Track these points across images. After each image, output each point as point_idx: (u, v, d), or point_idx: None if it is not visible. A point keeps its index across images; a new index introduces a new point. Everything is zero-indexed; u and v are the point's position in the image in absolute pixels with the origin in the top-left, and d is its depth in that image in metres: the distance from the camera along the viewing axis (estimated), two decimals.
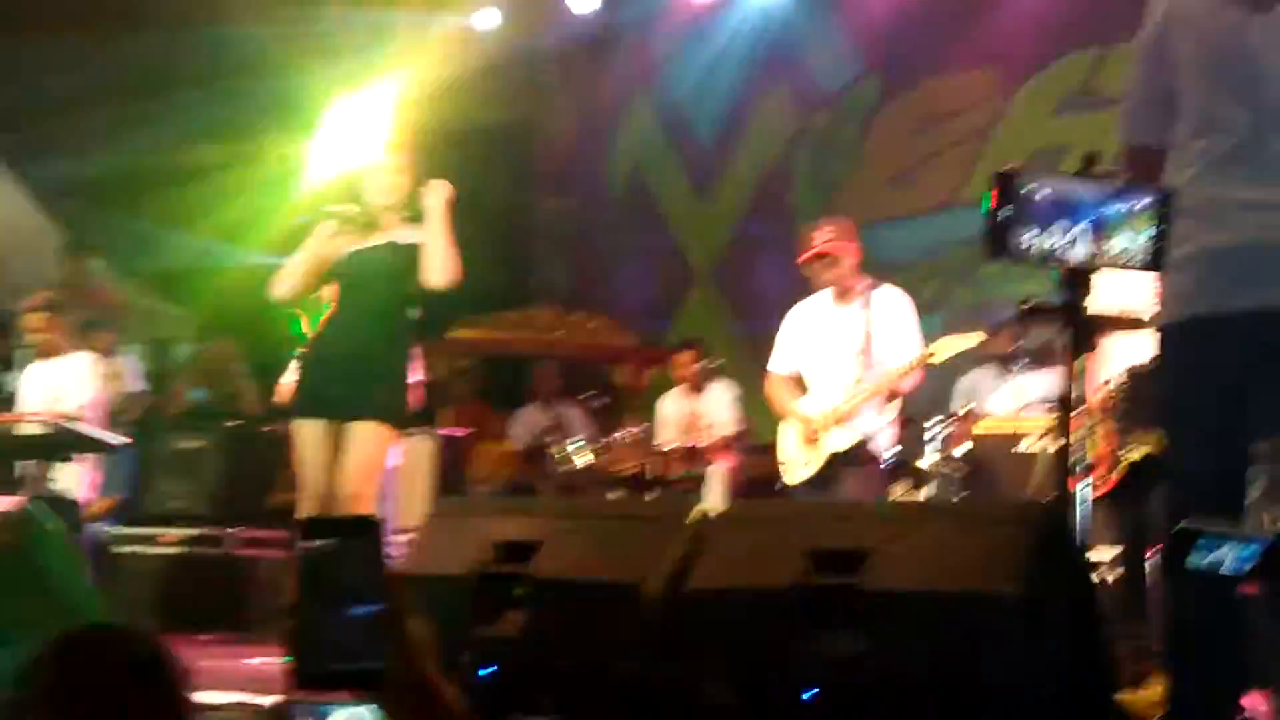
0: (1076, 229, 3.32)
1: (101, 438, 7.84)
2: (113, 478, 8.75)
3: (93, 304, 9.61)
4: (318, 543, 1.64)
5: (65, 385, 8.08)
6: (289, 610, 1.62)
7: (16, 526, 5.44)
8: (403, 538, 6.67)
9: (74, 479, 8.04)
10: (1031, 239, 3.31)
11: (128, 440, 8.49)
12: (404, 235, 6.09)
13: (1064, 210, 3.34)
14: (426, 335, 9.32)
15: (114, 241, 10.86)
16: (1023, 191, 3.31)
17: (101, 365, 8.51)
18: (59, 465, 7.73)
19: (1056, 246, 3.33)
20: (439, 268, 5.98)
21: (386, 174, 6.16)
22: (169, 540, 8.85)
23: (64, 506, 7.85)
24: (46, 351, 8.22)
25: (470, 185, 12.55)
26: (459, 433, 10.15)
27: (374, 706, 1.71)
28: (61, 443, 7.49)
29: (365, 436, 5.88)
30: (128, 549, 8.79)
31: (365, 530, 1.66)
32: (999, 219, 3.30)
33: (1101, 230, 3.36)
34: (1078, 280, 3.42)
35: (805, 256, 6.71)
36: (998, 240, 3.31)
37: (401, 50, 12.25)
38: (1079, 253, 3.35)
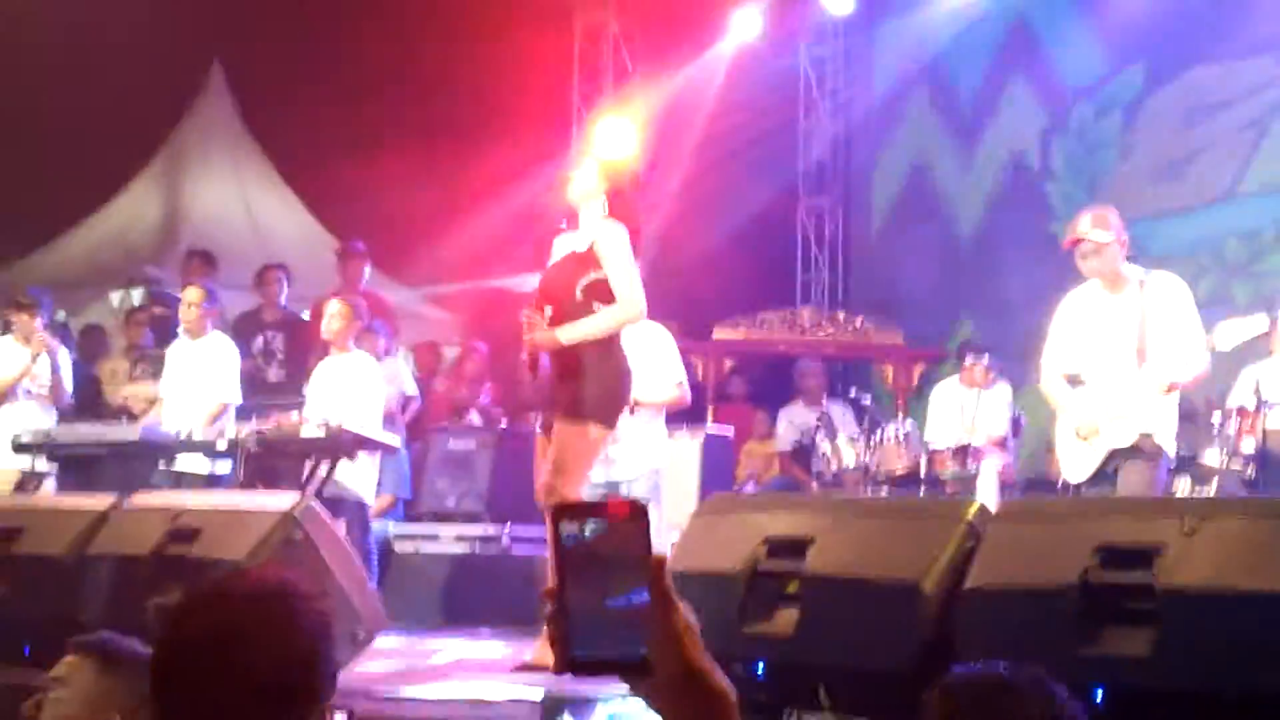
0: None
1: (380, 438, 8.05)
2: (388, 477, 8.99)
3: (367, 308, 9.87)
4: (579, 527, 1.60)
5: (348, 386, 8.32)
6: (550, 596, 1.59)
7: (300, 522, 5.62)
8: (672, 535, 6.70)
9: (357, 479, 8.28)
10: None
11: (401, 441, 8.69)
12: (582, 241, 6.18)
13: None
14: (691, 336, 9.35)
15: (379, 247, 11.14)
16: None
17: (379, 367, 8.74)
18: (343, 465, 7.95)
19: None
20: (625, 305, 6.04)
21: (575, 178, 6.27)
22: (448, 538, 9.07)
23: (351, 506, 8.11)
24: (335, 346, 8.43)
25: (734, 187, 12.71)
26: (725, 431, 10.15)
27: (638, 699, 1.66)
28: (343, 443, 7.69)
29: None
30: (410, 547, 9.03)
31: (630, 514, 1.61)
32: None
33: None
34: None
35: (1067, 243, 6.51)
36: None
37: (663, 59, 12.35)
38: None
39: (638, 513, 1.60)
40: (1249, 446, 7.14)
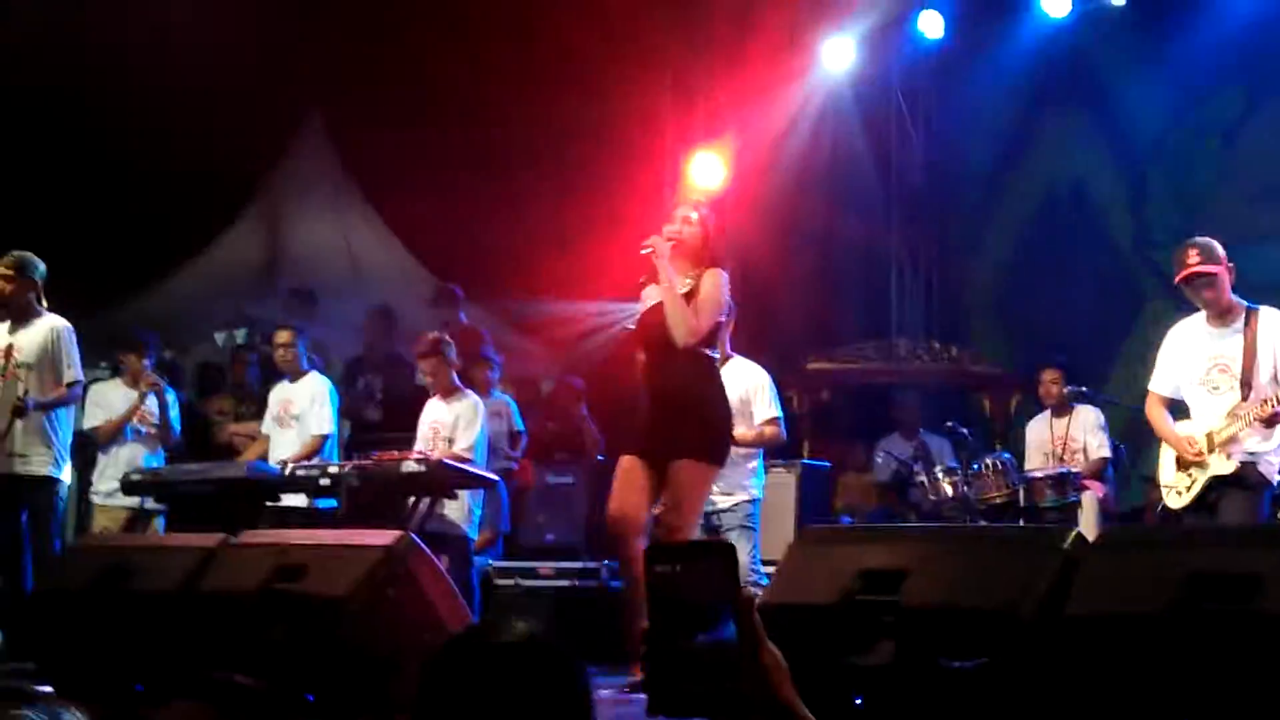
0: None
1: (480, 474, 8.14)
2: (488, 512, 9.07)
3: (466, 345, 9.96)
4: (669, 568, 1.64)
5: (452, 423, 8.46)
6: (644, 636, 1.63)
7: (403, 558, 5.70)
8: (768, 568, 6.72)
9: (459, 514, 8.37)
10: None
11: (498, 478, 8.78)
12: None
13: None
14: (786, 369, 9.32)
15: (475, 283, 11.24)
16: None
17: (484, 405, 8.83)
18: (445, 501, 8.05)
19: None
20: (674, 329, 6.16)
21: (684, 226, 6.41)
22: (547, 573, 9.12)
23: (455, 541, 8.20)
24: (439, 390, 8.62)
25: (826, 217, 12.68)
26: (822, 464, 10.14)
27: None
28: (443, 479, 7.79)
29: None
30: (509, 581, 9.10)
31: (715, 554, 1.66)
32: None
33: None
34: None
35: (1179, 277, 6.50)
36: None
37: (754, 89, 12.35)
38: None
39: (724, 553, 1.65)
40: None
